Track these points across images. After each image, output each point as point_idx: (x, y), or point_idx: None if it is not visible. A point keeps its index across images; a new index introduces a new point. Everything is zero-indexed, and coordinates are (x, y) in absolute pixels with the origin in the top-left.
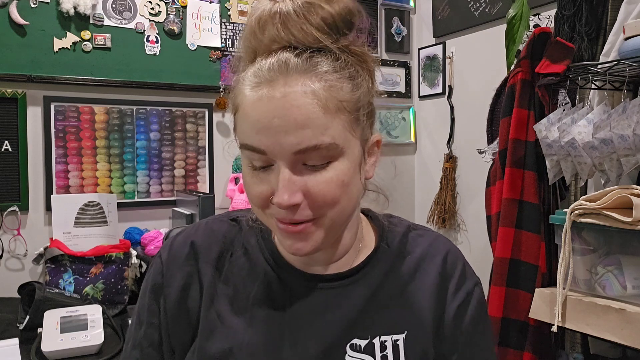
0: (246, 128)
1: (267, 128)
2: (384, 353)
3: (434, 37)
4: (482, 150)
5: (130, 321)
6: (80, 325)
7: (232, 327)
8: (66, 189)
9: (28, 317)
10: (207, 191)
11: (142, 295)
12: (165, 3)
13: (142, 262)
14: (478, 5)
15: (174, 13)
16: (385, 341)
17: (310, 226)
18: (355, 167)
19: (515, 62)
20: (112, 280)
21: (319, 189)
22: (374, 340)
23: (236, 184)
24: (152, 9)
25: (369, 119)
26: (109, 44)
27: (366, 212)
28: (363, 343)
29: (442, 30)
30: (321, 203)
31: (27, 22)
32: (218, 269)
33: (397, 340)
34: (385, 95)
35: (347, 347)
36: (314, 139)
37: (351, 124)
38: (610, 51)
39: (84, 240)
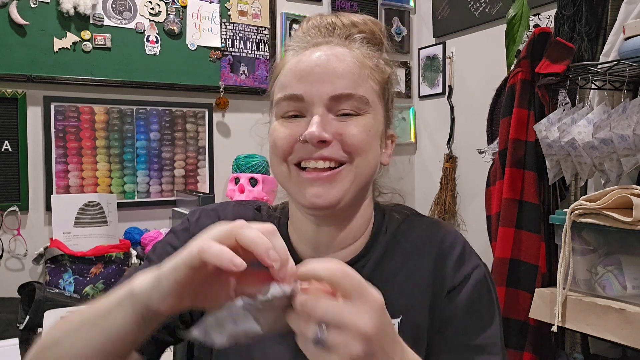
0: (287, 80)
1: (308, 75)
2: None
3: (434, 37)
4: (482, 150)
5: None
6: None
7: None
8: (66, 189)
9: (28, 317)
10: (207, 191)
11: (165, 239)
12: (165, 3)
13: (142, 262)
14: (478, 5)
15: (174, 13)
16: None
17: (339, 171)
18: (378, 131)
19: (515, 62)
20: (112, 280)
21: (349, 130)
22: None
23: (236, 184)
24: (152, 9)
25: (391, 107)
26: (109, 44)
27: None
28: None
29: (442, 30)
30: (350, 143)
31: (27, 22)
32: None
33: (393, 324)
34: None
35: None
36: (349, 88)
37: (378, 93)
38: (610, 51)
39: (84, 240)
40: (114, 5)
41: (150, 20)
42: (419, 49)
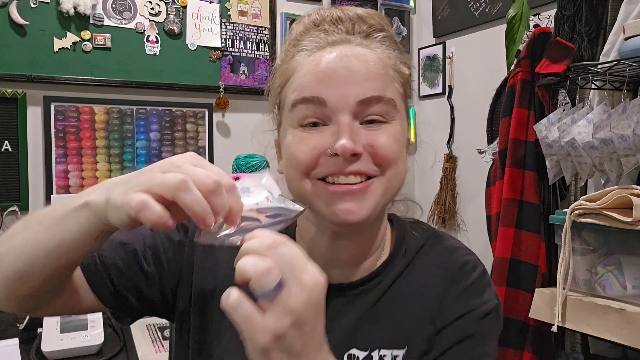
0: (306, 81)
1: (330, 78)
2: None
3: (434, 37)
4: (482, 150)
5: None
6: (80, 325)
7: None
8: (66, 189)
9: (28, 317)
10: None
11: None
12: (165, 3)
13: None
14: (478, 5)
15: (174, 13)
16: (384, 356)
17: (370, 184)
18: (405, 138)
19: (515, 62)
20: None
21: (380, 141)
22: (372, 354)
23: None
24: (152, 9)
25: (408, 109)
26: (109, 44)
27: (390, 218)
28: (361, 355)
29: (442, 30)
30: (383, 155)
31: (27, 22)
32: None
33: (397, 356)
34: None
35: (345, 357)
36: (377, 91)
37: (402, 96)
38: (610, 51)
39: None
40: (114, 5)
41: (150, 20)
42: (419, 49)
